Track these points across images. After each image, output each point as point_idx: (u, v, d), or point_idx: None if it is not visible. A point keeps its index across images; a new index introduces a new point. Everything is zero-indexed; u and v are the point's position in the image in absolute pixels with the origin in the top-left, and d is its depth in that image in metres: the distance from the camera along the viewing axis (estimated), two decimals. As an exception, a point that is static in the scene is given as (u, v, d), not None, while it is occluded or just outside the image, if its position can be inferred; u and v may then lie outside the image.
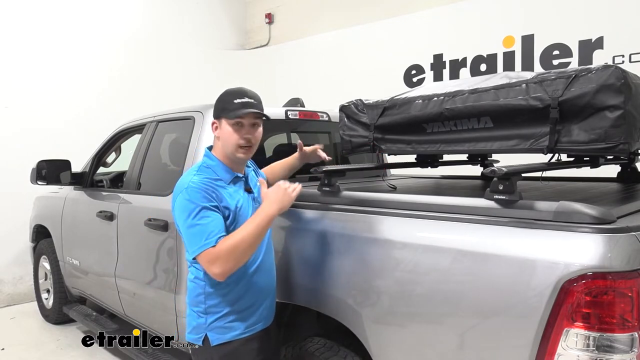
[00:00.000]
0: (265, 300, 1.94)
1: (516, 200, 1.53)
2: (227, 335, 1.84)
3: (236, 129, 1.83)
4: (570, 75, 1.66)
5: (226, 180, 1.85)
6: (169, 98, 5.20)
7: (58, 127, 5.36)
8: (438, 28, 5.10)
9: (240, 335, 1.85)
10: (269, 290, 1.97)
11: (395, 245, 1.71)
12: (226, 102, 1.84)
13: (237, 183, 1.89)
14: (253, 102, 1.84)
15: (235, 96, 1.83)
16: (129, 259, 3.14)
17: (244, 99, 1.82)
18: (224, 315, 1.84)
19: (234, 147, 1.84)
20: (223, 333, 1.84)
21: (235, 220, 1.81)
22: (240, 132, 1.83)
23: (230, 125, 1.83)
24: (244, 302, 1.86)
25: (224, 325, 1.84)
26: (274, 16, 7.16)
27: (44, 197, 4.59)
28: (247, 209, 1.87)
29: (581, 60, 4.16)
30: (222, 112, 1.84)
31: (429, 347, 1.62)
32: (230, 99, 1.84)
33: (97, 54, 5.80)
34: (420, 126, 2.07)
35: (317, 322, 2.17)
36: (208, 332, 1.84)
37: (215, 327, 1.84)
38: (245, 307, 1.86)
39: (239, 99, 1.82)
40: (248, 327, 1.87)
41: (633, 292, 1.28)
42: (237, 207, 1.83)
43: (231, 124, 1.83)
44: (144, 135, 3.28)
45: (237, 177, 1.89)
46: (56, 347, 4.00)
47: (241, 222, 1.80)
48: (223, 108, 1.85)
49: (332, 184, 2.10)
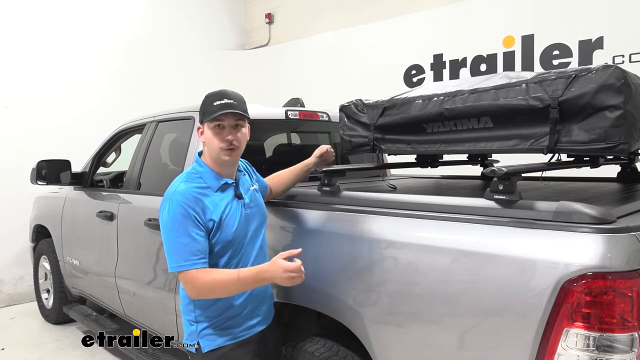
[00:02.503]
0: (260, 304, 1.92)
1: (516, 200, 1.53)
2: (218, 341, 1.83)
3: (217, 132, 1.78)
4: (570, 75, 1.66)
5: (214, 187, 1.81)
6: (169, 98, 5.20)
7: (58, 127, 5.36)
8: (438, 28, 5.10)
9: (232, 340, 1.84)
10: (263, 295, 1.94)
11: (395, 245, 1.71)
12: (206, 106, 1.80)
13: (226, 190, 1.85)
14: (232, 103, 1.77)
15: (215, 99, 1.78)
16: (129, 259, 3.14)
17: (223, 101, 1.77)
18: (214, 324, 1.83)
19: (217, 150, 1.79)
20: (213, 340, 1.83)
21: (220, 229, 1.77)
22: (221, 134, 1.78)
23: (211, 129, 1.79)
24: (235, 310, 1.84)
25: (214, 332, 1.83)
26: (274, 16, 7.16)
27: (44, 197, 4.59)
28: (234, 216, 1.82)
29: (581, 60, 4.16)
30: (204, 117, 1.80)
31: (429, 347, 1.62)
32: (209, 102, 1.79)
33: (96, 54, 5.80)
34: (420, 126, 2.07)
35: (317, 322, 2.17)
36: (200, 340, 1.83)
37: (205, 335, 1.83)
38: (236, 314, 1.84)
39: (218, 101, 1.77)
40: (241, 331, 1.85)
41: (633, 292, 1.28)
42: (223, 217, 1.78)
43: (211, 127, 1.78)
44: (144, 135, 3.28)
45: (225, 184, 1.85)
46: (56, 347, 4.00)
47: (227, 230, 1.78)
48: (204, 112, 1.80)
49: (332, 184, 2.10)
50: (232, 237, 1.80)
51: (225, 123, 1.79)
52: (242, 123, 1.84)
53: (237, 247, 1.83)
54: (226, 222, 1.79)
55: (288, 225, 2.14)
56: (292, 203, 2.21)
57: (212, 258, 1.78)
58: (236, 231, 1.81)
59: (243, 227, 1.84)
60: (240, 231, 1.83)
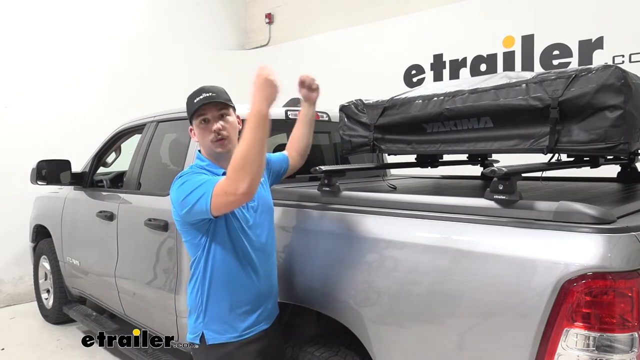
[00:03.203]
0: (264, 303, 1.92)
1: (516, 200, 1.53)
2: (223, 337, 1.83)
3: (204, 126, 1.83)
4: (570, 75, 1.66)
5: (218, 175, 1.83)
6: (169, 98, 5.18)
7: (58, 127, 5.36)
8: (438, 28, 5.10)
9: (237, 338, 1.84)
10: (268, 293, 1.94)
11: (395, 245, 1.71)
12: (189, 105, 1.85)
13: None
14: (211, 95, 1.82)
15: (194, 96, 1.84)
16: (129, 259, 3.15)
17: (201, 96, 1.82)
18: (221, 316, 1.83)
19: (209, 144, 1.83)
20: (219, 333, 1.83)
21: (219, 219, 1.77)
22: (208, 127, 1.83)
23: (197, 126, 1.84)
24: (241, 304, 1.84)
25: (220, 325, 1.83)
26: (274, 16, 7.16)
27: (44, 197, 4.59)
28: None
29: (581, 60, 4.16)
30: (190, 115, 1.86)
31: (429, 347, 1.62)
32: (191, 101, 1.84)
33: (96, 53, 5.80)
34: (420, 126, 2.07)
35: (317, 322, 2.17)
36: (204, 330, 1.84)
37: (211, 326, 1.83)
38: (243, 310, 1.85)
39: (197, 97, 1.82)
40: (245, 329, 1.85)
41: (633, 292, 1.28)
42: None
43: (197, 124, 1.84)
44: (144, 135, 3.29)
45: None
46: (56, 347, 4.00)
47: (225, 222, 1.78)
48: (188, 111, 1.86)
49: (332, 184, 2.10)
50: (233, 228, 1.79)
51: (209, 116, 1.82)
52: (227, 112, 1.86)
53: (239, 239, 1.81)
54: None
55: (288, 225, 2.14)
56: (292, 203, 2.20)
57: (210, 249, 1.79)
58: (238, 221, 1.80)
59: (243, 219, 1.83)
60: (242, 222, 1.82)
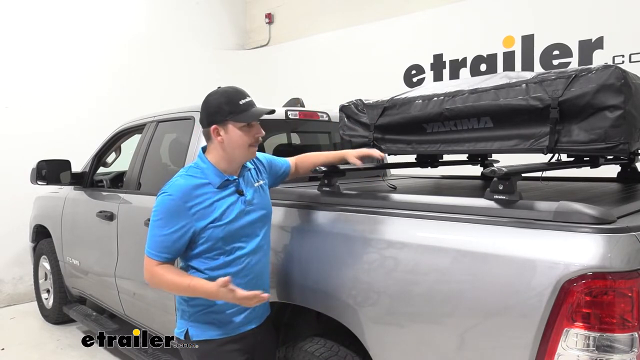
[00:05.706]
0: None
1: (516, 200, 1.53)
2: (207, 333, 1.83)
3: (247, 131, 1.82)
4: (570, 75, 1.66)
5: (215, 184, 1.81)
6: (168, 98, 5.20)
7: (58, 127, 5.36)
8: (438, 28, 5.10)
9: (221, 335, 1.84)
10: None
11: (395, 245, 1.71)
12: (233, 105, 1.79)
13: (227, 186, 1.84)
14: (253, 101, 1.85)
15: (238, 97, 1.81)
16: (129, 259, 3.14)
17: (246, 99, 1.82)
18: (207, 312, 1.83)
19: (245, 147, 1.83)
20: (203, 330, 1.83)
21: (214, 225, 1.78)
22: (250, 132, 1.83)
23: (239, 128, 1.81)
24: (228, 307, 1.83)
25: (206, 321, 1.83)
26: (274, 16, 7.16)
27: (44, 197, 4.59)
28: (231, 212, 1.81)
29: (581, 60, 4.16)
30: (229, 116, 1.79)
31: (429, 347, 1.62)
32: (234, 101, 1.80)
33: (96, 53, 5.80)
34: (420, 126, 2.07)
35: (317, 322, 2.17)
36: (189, 326, 1.84)
37: (196, 322, 1.84)
38: (229, 312, 1.84)
39: (242, 100, 1.81)
40: (231, 328, 1.85)
41: (633, 292, 1.28)
42: (219, 213, 1.78)
43: (240, 126, 1.81)
44: (144, 135, 3.29)
45: (227, 181, 1.84)
46: (56, 347, 4.00)
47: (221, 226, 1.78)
48: (230, 111, 1.79)
49: (332, 184, 2.10)
50: (224, 233, 1.79)
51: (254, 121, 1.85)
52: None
53: (228, 244, 1.81)
54: (222, 218, 1.79)
55: (288, 225, 2.14)
56: (292, 203, 2.20)
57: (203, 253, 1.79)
58: (229, 227, 1.80)
59: (239, 224, 1.83)
60: (234, 228, 1.81)
